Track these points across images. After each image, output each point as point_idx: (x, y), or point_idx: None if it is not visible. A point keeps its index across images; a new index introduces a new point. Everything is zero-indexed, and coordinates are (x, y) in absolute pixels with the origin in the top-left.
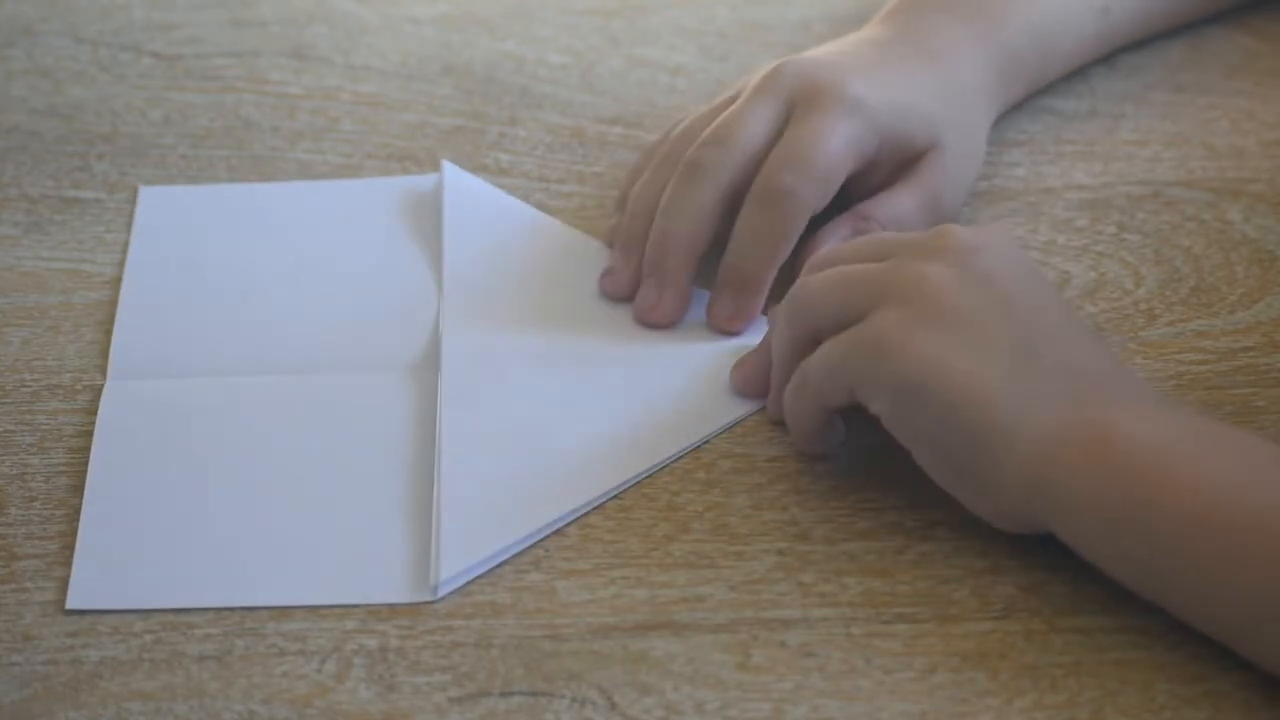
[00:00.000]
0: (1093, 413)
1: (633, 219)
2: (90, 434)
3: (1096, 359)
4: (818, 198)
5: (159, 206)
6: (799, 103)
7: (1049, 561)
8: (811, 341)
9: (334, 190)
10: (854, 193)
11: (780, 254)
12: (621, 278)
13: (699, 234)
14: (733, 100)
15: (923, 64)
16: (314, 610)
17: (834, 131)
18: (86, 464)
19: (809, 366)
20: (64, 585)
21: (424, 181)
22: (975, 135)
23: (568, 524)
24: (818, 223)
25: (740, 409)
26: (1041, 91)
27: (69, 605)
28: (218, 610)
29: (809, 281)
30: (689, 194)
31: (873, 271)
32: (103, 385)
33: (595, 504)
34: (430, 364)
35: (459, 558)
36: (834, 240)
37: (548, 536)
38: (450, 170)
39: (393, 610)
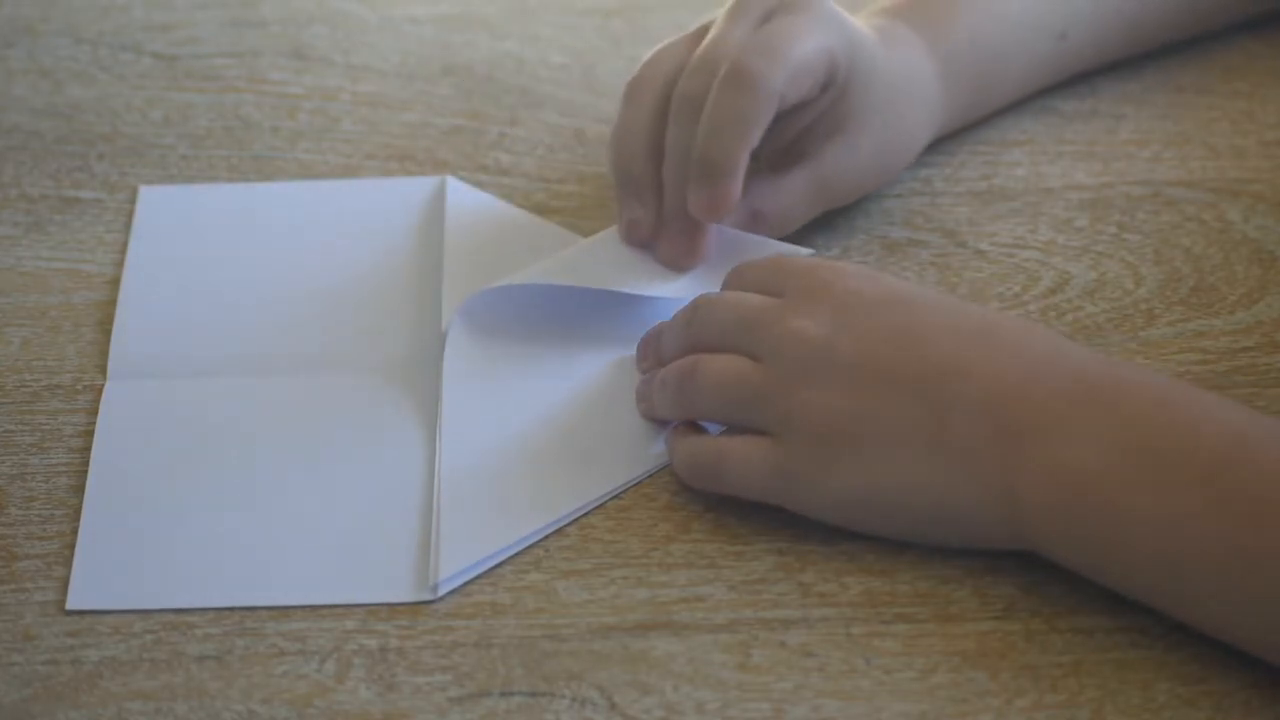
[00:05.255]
0: (1030, 453)
1: (628, 160)
2: (90, 434)
3: (996, 363)
4: (788, 87)
5: (159, 206)
6: (776, 13)
7: (1049, 561)
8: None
9: (334, 190)
10: (780, 133)
11: (751, 139)
12: (643, 224)
13: None
14: (699, 30)
15: (889, 48)
16: (314, 610)
17: (810, 31)
18: (86, 464)
19: (727, 472)
20: (64, 585)
21: (424, 183)
22: (904, 139)
23: (568, 524)
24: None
25: None
26: (1042, 91)
27: (69, 605)
28: (218, 610)
29: (699, 372)
30: (691, 131)
31: (762, 388)
32: (103, 385)
33: (595, 504)
34: (431, 364)
35: (458, 557)
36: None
37: (548, 536)
38: (453, 185)
39: (393, 610)
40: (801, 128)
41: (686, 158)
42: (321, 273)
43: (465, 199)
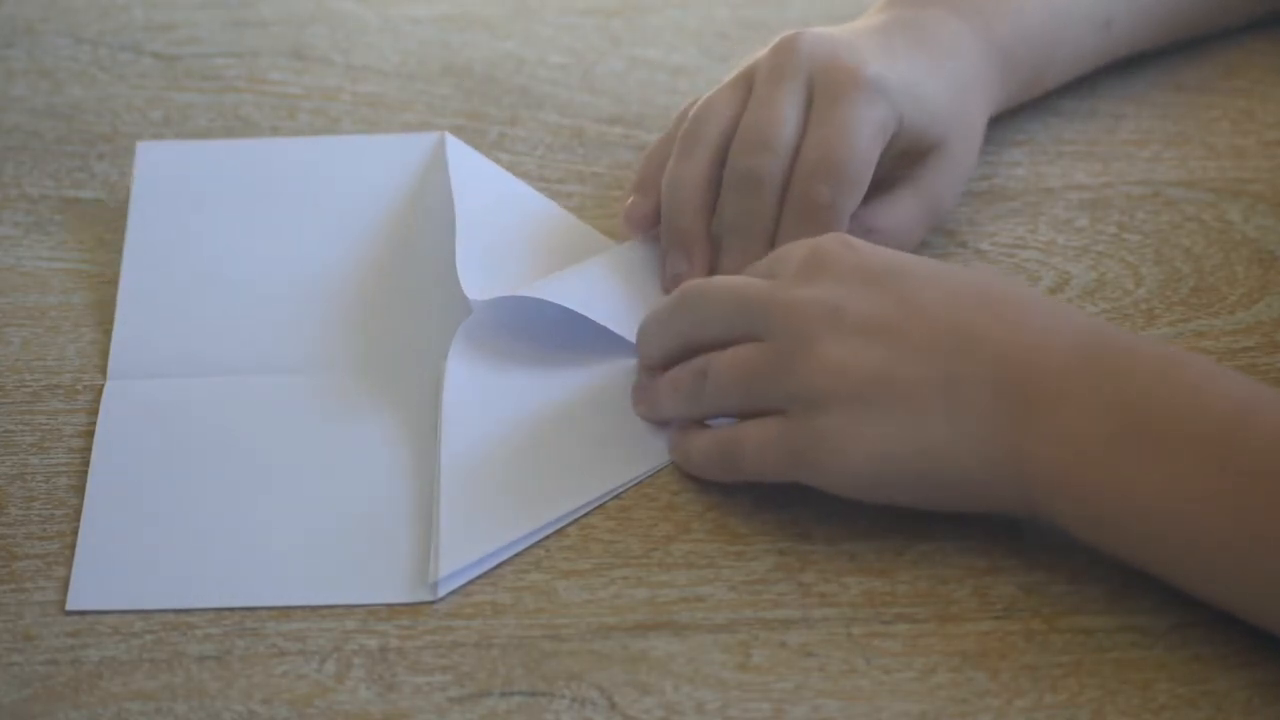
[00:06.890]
0: (1037, 423)
1: (678, 213)
2: (90, 434)
3: (1001, 330)
4: (855, 202)
5: (158, 165)
6: (819, 84)
7: (1049, 561)
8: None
9: (339, 148)
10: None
11: None
12: (687, 279)
13: (768, 250)
14: (744, 80)
15: (929, 56)
16: (314, 610)
17: (860, 123)
18: (86, 464)
19: (743, 458)
20: (64, 585)
21: (423, 139)
22: (975, 135)
23: (568, 524)
24: None
25: None
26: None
27: (69, 605)
28: (218, 610)
29: (712, 371)
30: (756, 210)
31: (772, 365)
32: (103, 385)
33: (595, 504)
34: (432, 362)
35: (458, 556)
36: None
37: (548, 536)
38: (453, 144)
39: (393, 610)
40: (887, 166)
41: (744, 232)
42: (321, 265)
43: (466, 163)
